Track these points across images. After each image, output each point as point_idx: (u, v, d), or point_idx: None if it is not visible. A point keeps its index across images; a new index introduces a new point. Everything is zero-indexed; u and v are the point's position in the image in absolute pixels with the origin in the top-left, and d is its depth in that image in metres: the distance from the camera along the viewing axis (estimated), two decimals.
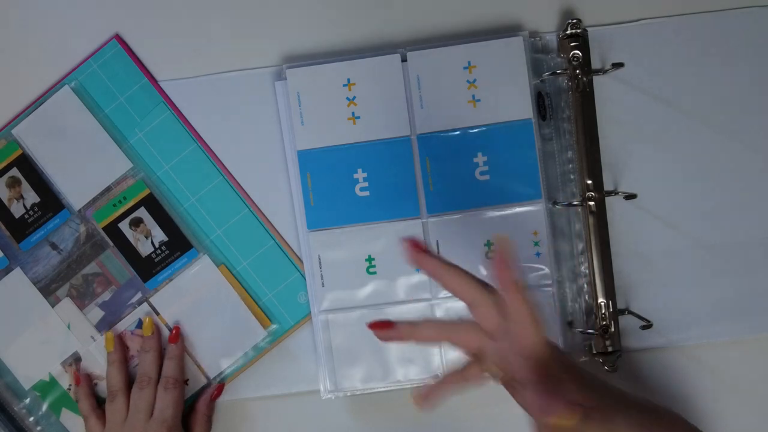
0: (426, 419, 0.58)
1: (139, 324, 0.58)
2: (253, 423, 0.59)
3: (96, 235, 0.58)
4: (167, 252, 0.58)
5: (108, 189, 0.58)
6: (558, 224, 0.56)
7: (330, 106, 0.56)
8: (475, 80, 0.55)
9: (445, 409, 0.58)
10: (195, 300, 0.58)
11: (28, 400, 0.58)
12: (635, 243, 0.57)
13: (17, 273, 0.58)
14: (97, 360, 0.58)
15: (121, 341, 0.58)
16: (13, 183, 0.58)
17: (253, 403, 0.59)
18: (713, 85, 0.57)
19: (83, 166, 0.58)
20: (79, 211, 0.58)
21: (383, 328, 0.46)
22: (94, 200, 0.58)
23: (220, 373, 0.58)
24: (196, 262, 0.58)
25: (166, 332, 0.58)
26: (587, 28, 0.56)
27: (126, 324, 0.58)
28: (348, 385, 0.56)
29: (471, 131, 0.55)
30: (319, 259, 0.56)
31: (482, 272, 0.56)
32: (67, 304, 0.58)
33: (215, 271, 0.58)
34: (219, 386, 0.58)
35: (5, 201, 0.58)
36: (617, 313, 0.55)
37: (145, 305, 0.58)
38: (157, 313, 0.58)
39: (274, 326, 0.58)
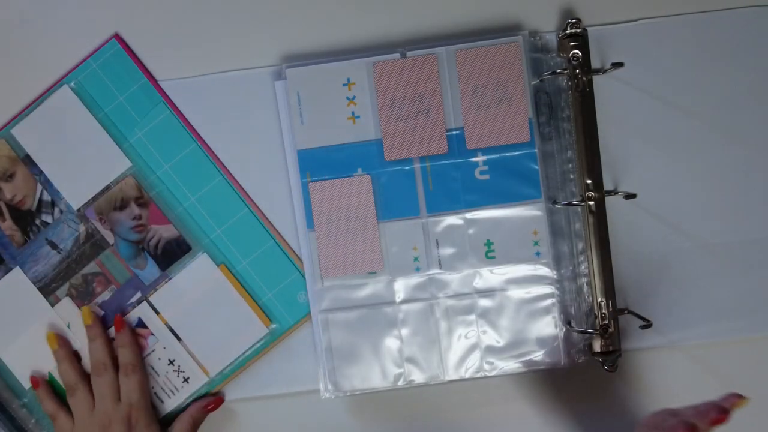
0: (426, 419, 0.58)
1: (139, 323, 0.58)
2: (253, 423, 0.59)
3: (96, 234, 0.58)
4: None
5: (107, 188, 0.58)
6: (558, 224, 0.56)
7: (330, 105, 0.56)
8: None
9: (444, 408, 0.58)
10: (195, 299, 0.58)
11: (27, 400, 0.58)
12: (635, 243, 0.57)
13: (16, 272, 0.58)
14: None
15: (63, 339, 0.58)
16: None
17: (252, 402, 0.59)
18: (713, 85, 0.57)
19: (82, 165, 0.58)
20: (79, 210, 0.58)
21: None
22: (93, 199, 0.58)
23: (221, 371, 0.58)
24: (195, 261, 0.58)
25: (166, 332, 0.58)
26: (587, 28, 0.56)
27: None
28: (347, 385, 0.56)
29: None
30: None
31: (483, 273, 0.56)
32: (66, 304, 0.58)
33: (215, 270, 0.58)
34: (218, 399, 0.58)
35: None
36: (617, 312, 0.55)
37: (144, 304, 0.58)
38: (157, 313, 0.58)
39: (274, 326, 0.58)
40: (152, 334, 0.58)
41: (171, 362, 0.58)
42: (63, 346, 0.57)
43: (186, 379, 0.58)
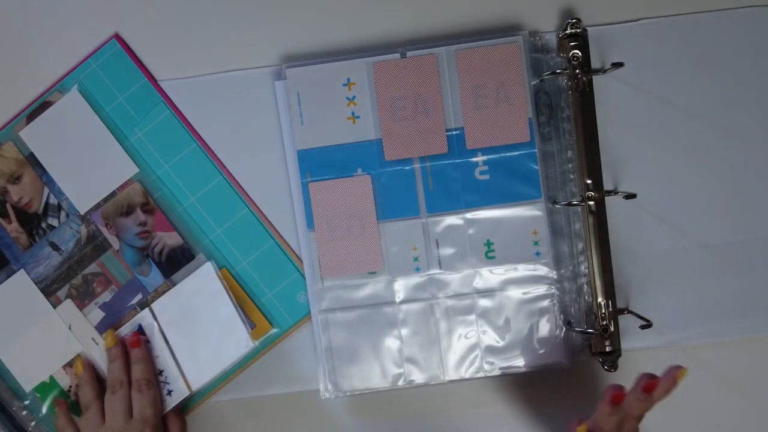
0: (425, 419, 0.58)
1: (140, 329, 0.58)
2: (253, 422, 0.59)
3: (98, 236, 0.58)
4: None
5: (113, 193, 0.58)
6: (558, 224, 0.56)
7: (330, 105, 0.56)
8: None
9: (444, 408, 0.58)
10: (193, 309, 0.57)
11: (28, 402, 0.58)
12: (635, 243, 0.57)
13: (21, 275, 0.58)
14: (98, 363, 0.58)
15: (89, 363, 0.58)
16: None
17: (252, 402, 0.59)
18: (713, 85, 0.57)
19: (90, 169, 0.58)
20: (85, 214, 0.58)
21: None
22: (100, 204, 0.58)
23: (203, 387, 0.57)
24: (199, 270, 0.57)
25: (161, 340, 0.57)
26: (587, 28, 0.56)
27: (126, 329, 0.58)
28: (347, 385, 0.56)
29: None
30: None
31: (483, 273, 0.56)
32: (68, 306, 0.58)
33: (216, 278, 0.57)
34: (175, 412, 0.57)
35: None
36: (617, 312, 0.55)
37: (147, 311, 0.58)
38: (156, 321, 0.58)
39: (274, 329, 0.58)
40: (149, 341, 0.58)
41: (160, 372, 0.57)
42: (87, 369, 0.57)
43: (170, 392, 0.57)
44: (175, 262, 0.58)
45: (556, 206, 0.56)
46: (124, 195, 0.58)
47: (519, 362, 0.56)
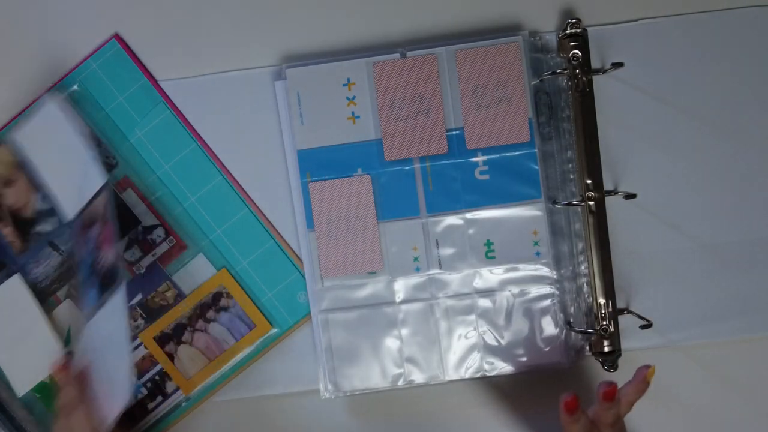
0: (425, 419, 0.58)
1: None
2: (253, 422, 0.59)
3: None
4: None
5: (89, 204, 0.55)
6: (558, 224, 0.56)
7: (330, 105, 0.56)
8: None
9: (444, 408, 0.58)
10: (98, 343, 0.53)
11: (27, 402, 0.58)
12: (635, 243, 0.57)
13: (16, 278, 0.58)
14: None
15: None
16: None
17: (252, 402, 0.59)
18: (713, 85, 0.57)
19: (75, 172, 0.57)
20: (68, 224, 0.58)
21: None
22: (80, 213, 0.57)
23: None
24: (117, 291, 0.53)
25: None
26: (587, 28, 0.56)
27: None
28: (347, 385, 0.56)
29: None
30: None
31: (483, 273, 0.56)
32: (67, 306, 0.58)
33: (121, 311, 0.52)
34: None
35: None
36: (617, 312, 0.55)
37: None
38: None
39: (273, 330, 0.58)
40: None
41: None
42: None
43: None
44: (108, 282, 0.53)
45: (556, 206, 0.56)
46: (93, 207, 0.54)
47: (519, 362, 0.56)
